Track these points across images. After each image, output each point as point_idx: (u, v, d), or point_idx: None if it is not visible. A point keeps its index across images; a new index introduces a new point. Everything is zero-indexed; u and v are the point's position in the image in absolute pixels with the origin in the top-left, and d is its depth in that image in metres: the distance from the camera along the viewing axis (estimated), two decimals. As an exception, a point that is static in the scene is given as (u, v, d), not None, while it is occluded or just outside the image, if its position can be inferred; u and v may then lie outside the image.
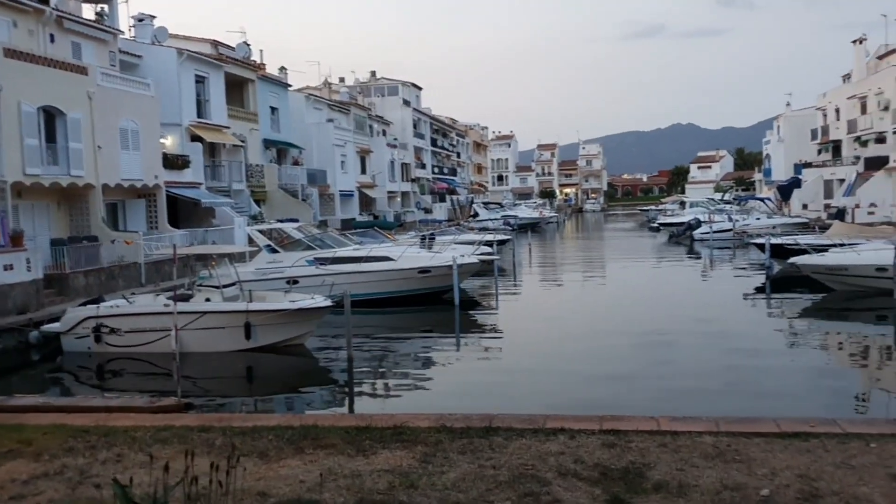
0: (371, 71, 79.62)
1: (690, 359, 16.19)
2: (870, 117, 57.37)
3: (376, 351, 18.30)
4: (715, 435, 7.11)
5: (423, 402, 12.67)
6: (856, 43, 62.74)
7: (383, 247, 27.14)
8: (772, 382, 13.99)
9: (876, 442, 6.67)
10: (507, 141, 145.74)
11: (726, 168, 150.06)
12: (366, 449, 7.04)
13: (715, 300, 25.84)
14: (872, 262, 23.42)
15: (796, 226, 47.56)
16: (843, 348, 18.17)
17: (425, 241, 34.13)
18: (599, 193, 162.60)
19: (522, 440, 7.12)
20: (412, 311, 23.75)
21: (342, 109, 59.41)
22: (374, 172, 62.64)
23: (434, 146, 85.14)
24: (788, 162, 76.61)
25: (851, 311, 22.36)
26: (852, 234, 31.58)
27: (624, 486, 5.87)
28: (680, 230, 53.85)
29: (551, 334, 19.77)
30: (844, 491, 5.56)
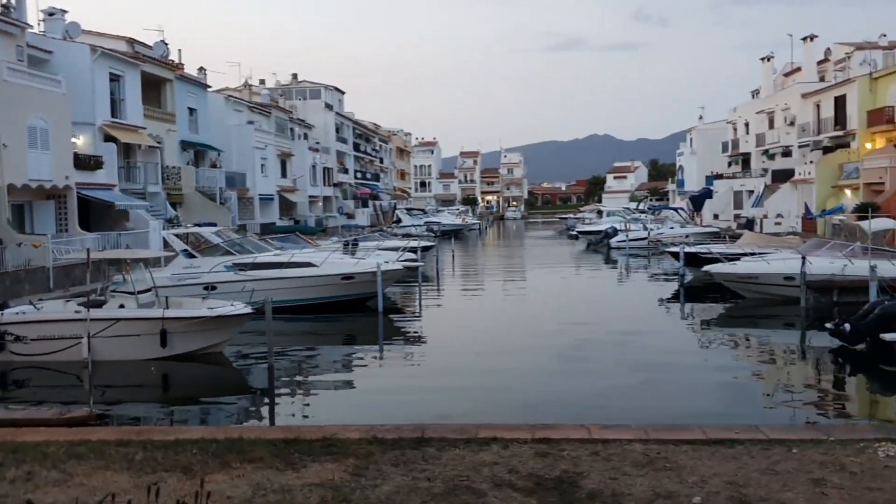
0: (293, 73, 78.58)
1: (608, 364, 16.50)
2: (777, 132, 60.03)
3: (298, 359, 17.94)
4: (644, 442, 7.20)
5: (350, 412, 12.47)
6: (764, 61, 65.58)
7: (305, 252, 26.67)
8: (686, 388, 14.38)
9: (797, 448, 6.88)
10: (431, 147, 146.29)
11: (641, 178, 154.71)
12: (295, 462, 6.83)
13: (631, 307, 26.47)
14: (781, 271, 24.41)
15: (708, 235, 49.26)
16: (754, 354, 18.85)
17: (348, 247, 33.75)
18: (520, 201, 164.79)
19: (455, 451, 7.05)
20: (335, 319, 23.44)
21: (263, 112, 58.37)
22: (296, 176, 61.74)
23: (357, 151, 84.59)
24: (700, 173, 79.43)
25: (761, 318, 23.23)
26: (761, 244, 32.95)
27: (559, 495, 5.87)
28: (597, 238, 55.02)
29: (475, 341, 19.81)
30: (771, 497, 5.70)
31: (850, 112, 47.88)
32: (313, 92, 76.20)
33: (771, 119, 61.78)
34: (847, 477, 6.08)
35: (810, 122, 53.75)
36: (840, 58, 57.19)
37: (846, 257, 23.84)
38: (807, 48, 58.13)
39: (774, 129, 60.77)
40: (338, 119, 77.70)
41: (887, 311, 16.17)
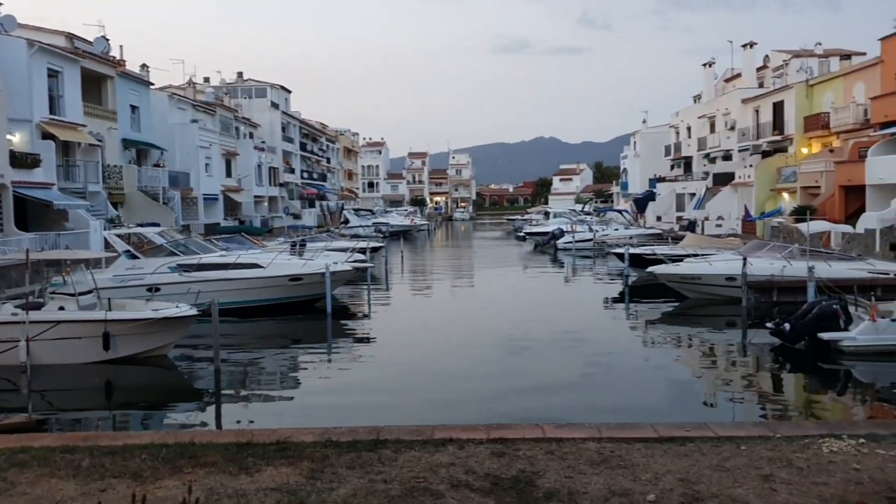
0: (238, 72, 77.42)
1: (557, 364, 16.69)
2: (718, 136, 61.47)
3: (246, 362, 17.66)
4: (598, 441, 7.29)
5: (301, 415, 12.33)
6: (706, 66, 67.10)
7: (251, 253, 26.30)
8: (634, 386, 14.64)
9: (746, 445, 7.05)
10: (378, 148, 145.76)
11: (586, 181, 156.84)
12: (248, 466, 6.72)
13: (578, 307, 26.80)
14: (723, 272, 25.04)
15: (651, 237, 50.24)
16: (698, 353, 19.28)
17: (296, 248, 33.42)
18: (468, 202, 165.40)
19: (412, 452, 7.02)
20: (283, 320, 23.17)
21: (207, 110, 57.35)
22: (241, 176, 60.83)
23: (303, 150, 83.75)
24: (644, 176, 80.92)
25: (704, 318, 23.77)
26: (703, 246, 33.76)
27: (516, 495, 5.89)
28: (544, 239, 55.59)
29: (425, 342, 19.83)
30: (723, 493, 5.83)
31: (788, 117, 49.33)
32: (259, 90, 75.20)
33: (712, 123, 63.24)
34: (794, 472, 6.26)
35: (750, 126, 55.19)
36: (778, 65, 58.89)
37: (785, 259, 24.58)
38: (746, 55, 59.69)
39: (715, 134, 62.23)
40: (284, 118, 76.84)
41: (824, 310, 16.71)
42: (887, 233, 29.31)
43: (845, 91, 43.89)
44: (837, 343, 16.30)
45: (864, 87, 41.22)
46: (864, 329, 16.16)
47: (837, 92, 44.96)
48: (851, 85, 43.25)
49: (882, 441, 7.09)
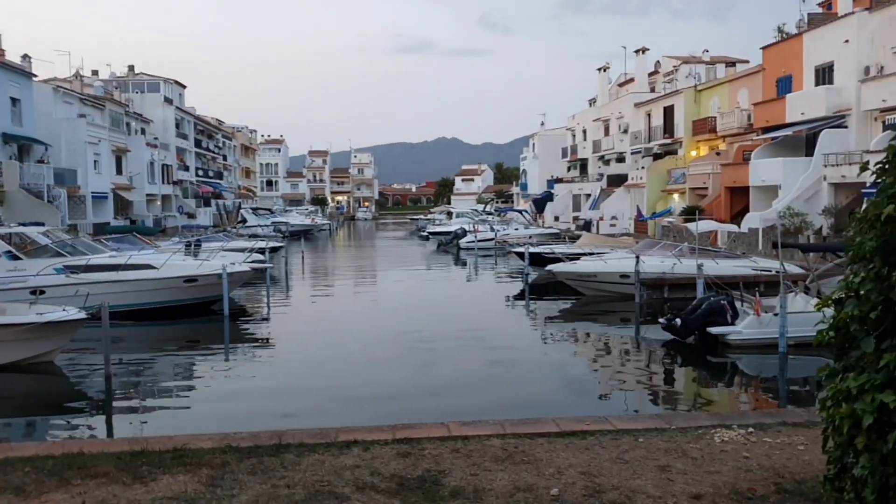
0: (129, 65, 74.26)
1: (460, 362, 16.82)
2: (612, 139, 63.52)
3: (139, 367, 16.97)
4: (502, 437, 7.35)
5: (199, 421, 11.91)
6: (600, 71, 69.17)
7: (144, 254, 25.31)
8: (535, 382, 14.92)
9: (643, 437, 7.27)
10: (278, 145, 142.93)
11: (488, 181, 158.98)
12: (143, 475, 6.42)
13: (480, 306, 27.11)
14: (617, 270, 25.90)
15: (550, 236, 51.39)
16: (595, 348, 19.84)
17: (191, 248, 32.39)
18: (371, 202, 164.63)
19: (315, 455, 6.89)
20: (178, 323, 22.41)
21: (96, 105, 54.81)
22: (132, 173, 58.46)
23: (199, 147, 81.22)
24: (542, 177, 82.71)
25: (600, 314, 24.49)
26: (599, 244, 34.78)
27: (422, 495, 5.87)
28: (447, 239, 56.00)
29: (326, 343, 19.58)
30: (623, 485, 5.99)
31: (678, 121, 51.49)
32: (151, 85, 72.43)
33: (606, 126, 65.29)
34: (689, 462, 6.49)
35: (642, 130, 57.29)
36: (668, 70, 61.41)
37: (675, 257, 25.62)
38: (639, 60, 61.94)
39: (610, 136, 64.27)
40: (178, 114, 74.33)
41: (713, 306, 17.52)
42: (769, 232, 31.00)
43: (731, 97, 46.18)
44: (725, 337, 17.12)
45: (748, 93, 43.48)
46: (750, 323, 17.03)
47: (723, 97, 47.25)
48: (736, 91, 45.55)
49: (768, 429, 7.45)
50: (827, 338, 4.63)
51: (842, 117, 33.50)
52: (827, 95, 33.89)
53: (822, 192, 32.85)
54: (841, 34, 33.60)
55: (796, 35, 39.09)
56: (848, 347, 4.48)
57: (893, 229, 4.03)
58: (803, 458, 6.50)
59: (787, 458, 6.58)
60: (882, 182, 4.36)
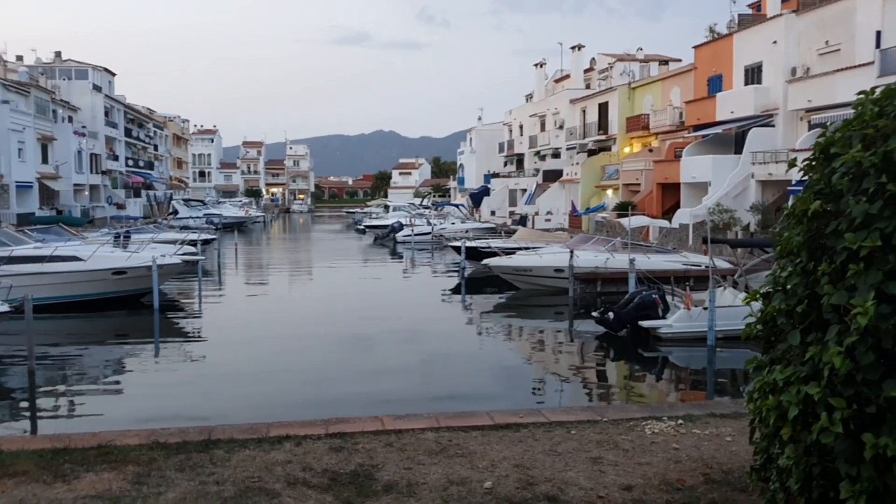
0: (56, 51, 71.57)
1: (396, 355, 16.78)
2: (548, 134, 64.16)
3: (64, 362, 16.38)
4: (436, 431, 7.33)
5: (127, 417, 11.54)
6: (537, 66, 69.80)
7: (70, 245, 24.51)
8: (470, 375, 14.98)
9: (576, 429, 7.34)
10: (210, 136, 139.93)
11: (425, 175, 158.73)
12: (66, 474, 6.17)
13: (416, 299, 27.07)
14: (552, 264, 26.18)
15: (486, 230, 51.62)
16: (529, 342, 20.04)
17: (119, 240, 31.48)
18: (307, 194, 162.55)
19: (246, 451, 6.74)
20: (105, 317, 21.75)
21: (20, 90, 52.66)
22: (59, 163, 56.42)
23: (129, 137, 78.86)
24: (479, 171, 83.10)
25: (535, 308, 24.74)
26: (534, 239, 35.12)
27: (354, 490, 5.80)
28: (384, 233, 55.76)
29: (260, 337, 19.21)
30: (556, 477, 6.03)
31: (612, 118, 52.34)
32: (79, 72, 69.96)
33: (543, 122, 65.91)
34: (621, 454, 6.58)
35: (577, 126, 58.05)
36: (604, 67, 62.32)
37: (608, 251, 26.04)
38: (575, 57, 62.69)
39: (546, 132, 64.90)
40: (107, 102, 71.99)
41: (645, 300, 17.87)
42: (699, 228, 31.80)
43: (663, 94, 47.16)
44: (656, 330, 17.48)
45: (680, 92, 44.48)
46: (680, 317, 17.43)
47: (656, 95, 48.22)
48: (669, 89, 46.54)
49: (697, 421, 7.62)
50: (755, 331, 4.73)
51: (769, 116, 34.56)
52: (755, 95, 34.91)
53: (750, 189, 33.84)
54: (769, 35, 34.65)
55: (727, 35, 40.18)
56: (775, 341, 4.58)
57: (819, 224, 4.12)
58: (731, 449, 6.66)
59: (715, 448, 6.73)
60: (809, 178, 4.46)
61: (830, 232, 4.00)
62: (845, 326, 3.66)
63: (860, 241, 3.63)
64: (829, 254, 3.96)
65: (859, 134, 4.05)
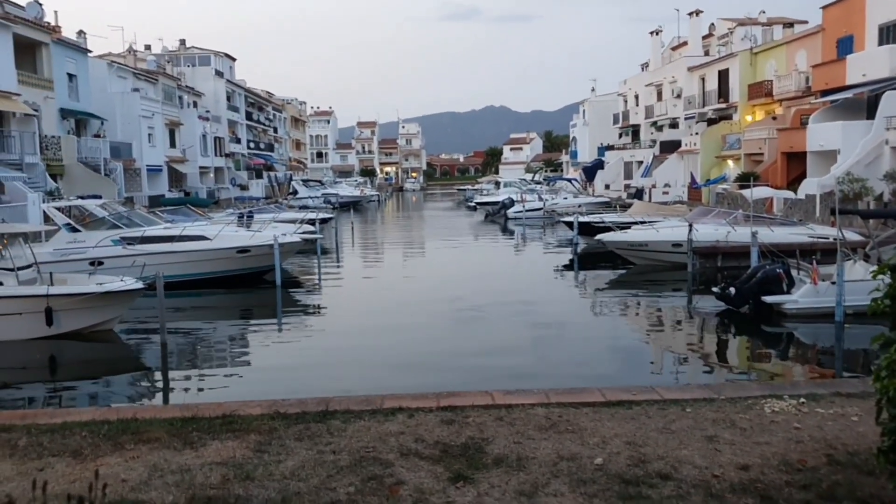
0: (180, 39, 75.28)
1: (507, 332, 16.78)
2: (665, 104, 62.16)
3: (193, 336, 17.39)
4: (546, 406, 7.32)
5: (250, 388, 12.17)
6: (652, 34, 67.55)
7: (197, 225, 25.82)
8: (583, 352, 14.83)
9: (691, 407, 7.16)
10: (327, 117, 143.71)
11: (536, 150, 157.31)
12: (194, 441, 6.58)
13: (528, 276, 26.96)
14: (669, 239, 25.44)
15: (600, 205, 50.74)
16: (645, 318, 19.59)
17: (243, 220, 32.93)
18: (419, 172, 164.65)
19: (361, 422, 6.97)
20: (231, 293, 22.85)
21: (149, 79, 55.74)
22: (185, 146, 59.48)
23: (249, 120, 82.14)
24: (593, 144, 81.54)
25: (651, 284, 24.14)
26: (650, 213, 34.22)
27: (465, 462, 5.89)
28: (495, 209, 55.75)
29: (376, 313, 19.72)
30: (669, 455, 5.91)
31: (733, 85, 50.08)
32: (202, 59, 73.33)
33: (659, 91, 63.87)
34: (738, 433, 6.38)
35: (696, 94, 55.91)
36: (723, 33, 59.59)
37: (729, 224, 25.06)
38: (692, 23, 60.26)
39: (662, 102, 62.90)
40: (229, 87, 75.16)
41: (768, 274, 17.10)
42: (827, 198, 30.08)
43: (788, 59, 44.68)
44: (780, 306, 16.72)
45: (806, 55, 42.00)
46: (806, 292, 16.60)
47: (780, 60, 45.74)
48: (794, 53, 44.03)
49: (821, 400, 7.27)
50: (882, 306, 4.46)
51: (906, 78, 32.15)
52: (891, 56, 32.50)
53: (884, 156, 31.66)
54: (907, -10, 32.13)
55: (859, -7, 37.50)
56: (904, 316, 4.31)
57: (955, 192, 3.83)
58: (857, 430, 6.32)
59: (839, 429, 6.41)
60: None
61: (968, 200, 3.70)
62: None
63: None
64: (967, 223, 3.67)
65: None
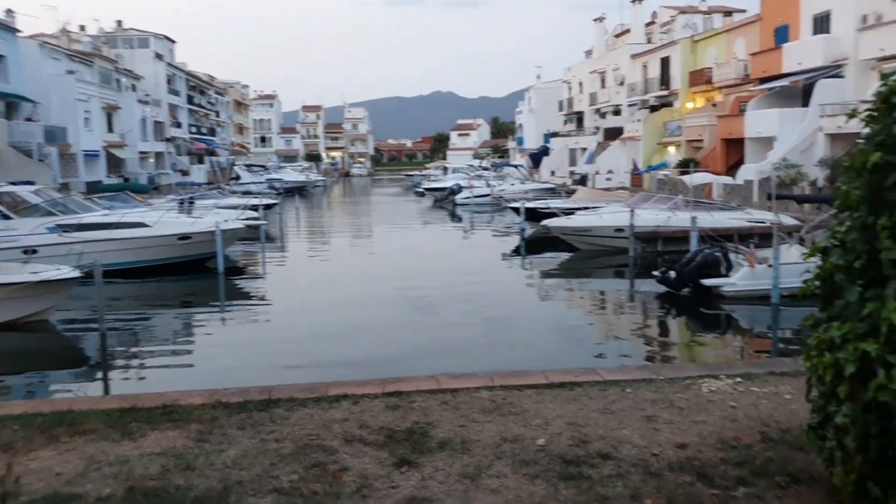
0: (117, 20, 73.14)
1: (455, 317, 16.86)
2: (608, 91, 62.89)
3: (133, 325, 17.00)
4: (491, 389, 7.36)
5: (192, 378, 11.99)
6: (596, 21, 68.20)
7: (137, 212, 25.26)
8: (529, 336, 14.99)
9: (631, 388, 7.28)
10: (270, 101, 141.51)
11: (483, 136, 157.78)
12: (132, 432, 6.43)
13: (476, 261, 27.10)
14: (612, 224, 25.85)
15: (546, 191, 51.21)
16: (589, 302, 19.91)
17: (184, 206, 32.30)
18: (366, 158, 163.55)
19: (305, 410, 6.90)
20: (172, 281, 22.42)
21: (84, 61, 54.05)
22: (124, 131, 57.95)
23: (191, 104, 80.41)
24: (539, 131, 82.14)
25: (595, 268, 24.53)
26: (594, 199, 34.71)
27: (410, 447, 5.89)
28: (443, 195, 55.82)
29: (321, 300, 19.58)
30: (609, 435, 6.01)
31: (674, 73, 50.93)
32: (141, 41, 71.37)
33: (603, 79, 64.57)
34: (676, 412, 6.52)
35: (638, 81, 56.69)
36: (665, 20, 60.51)
37: (670, 210, 25.56)
38: (635, 11, 61.00)
39: (606, 89, 63.61)
40: (169, 70, 73.40)
41: (707, 258, 17.53)
42: (764, 184, 30.89)
43: (728, 47, 45.60)
44: (719, 289, 17.17)
45: (745, 44, 42.94)
46: (743, 275, 17.07)
47: (720, 48, 46.67)
48: (733, 41, 44.97)
49: (756, 379, 7.47)
50: (813, 288, 4.60)
51: (839, 67, 33.13)
52: (824, 45, 33.47)
53: (818, 143, 32.65)
54: (840, -19, 33.06)
55: (795, -17, 38.44)
56: (833, 297, 4.44)
57: (880, 178, 3.96)
58: (789, 408, 6.52)
59: (773, 407, 6.60)
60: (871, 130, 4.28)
61: (891, 184, 3.84)
62: (905, 282, 3.53)
63: (922, 193, 3.48)
64: (890, 207, 3.81)
65: (924, 81, 3.85)
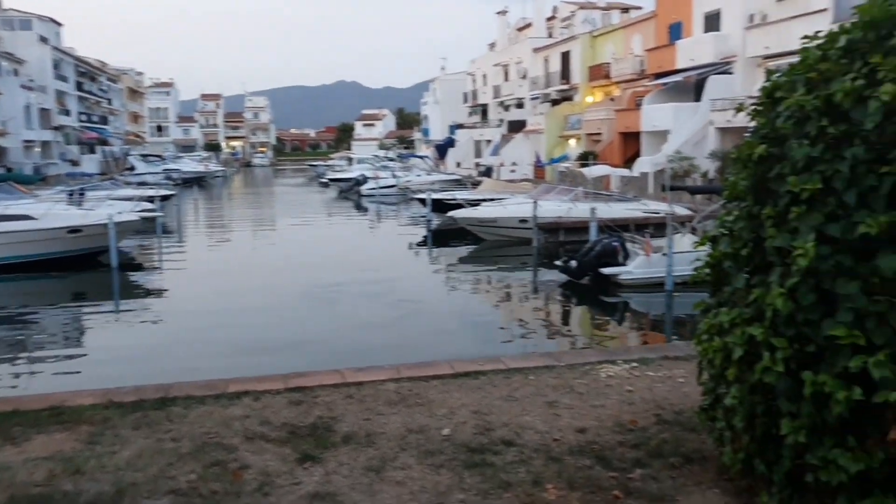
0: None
1: (361, 309, 16.77)
2: (511, 84, 63.70)
3: (17, 323, 16.11)
4: (397, 381, 7.34)
5: (83, 378, 11.46)
6: (499, 14, 68.89)
7: (21, 204, 23.93)
8: (436, 326, 15.08)
9: (533, 375, 7.41)
10: (167, 89, 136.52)
11: (389, 126, 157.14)
12: (15, 436, 6.07)
13: (382, 253, 27.04)
14: (516, 215, 26.27)
15: (451, 182, 51.49)
16: (494, 291, 20.18)
17: (74, 197, 30.80)
18: (268, 147, 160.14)
19: (203, 408, 6.68)
20: (61, 277, 21.36)
21: (-39, 43, 50.67)
22: (6, 118, 54.70)
23: (80, 91, 76.60)
24: (444, 123, 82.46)
25: (499, 258, 24.86)
26: (499, 190, 35.17)
27: (313, 442, 5.80)
28: (348, 186, 55.35)
29: (222, 294, 19.06)
30: (512, 421, 6.10)
31: (574, 67, 52.07)
32: (23, 22, 67.35)
33: (506, 72, 65.35)
34: (576, 397, 6.67)
35: (540, 75, 57.67)
36: (566, 15, 61.73)
37: (570, 201, 26.17)
38: (537, 4, 61.96)
39: (509, 82, 64.41)
40: (56, 54, 69.66)
41: (606, 248, 18.06)
42: (659, 175, 32.02)
43: (625, 43, 46.96)
44: (617, 277, 17.71)
45: (642, 40, 44.31)
46: (640, 263, 17.66)
47: (618, 43, 48.00)
48: (630, 37, 46.34)
49: (651, 364, 7.74)
50: (703, 275, 4.78)
51: (728, 64, 34.65)
52: (715, 42, 34.92)
53: (710, 136, 34.08)
54: (728, -19, 34.54)
55: (687, -18, 39.92)
56: (721, 283, 4.64)
57: (765, 169, 4.15)
58: (682, 391, 6.78)
59: (667, 390, 6.85)
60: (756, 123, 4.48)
61: (774, 175, 4.03)
62: (787, 269, 3.70)
63: (802, 185, 3.66)
64: (774, 197, 3.99)
65: (803, 78, 4.05)
